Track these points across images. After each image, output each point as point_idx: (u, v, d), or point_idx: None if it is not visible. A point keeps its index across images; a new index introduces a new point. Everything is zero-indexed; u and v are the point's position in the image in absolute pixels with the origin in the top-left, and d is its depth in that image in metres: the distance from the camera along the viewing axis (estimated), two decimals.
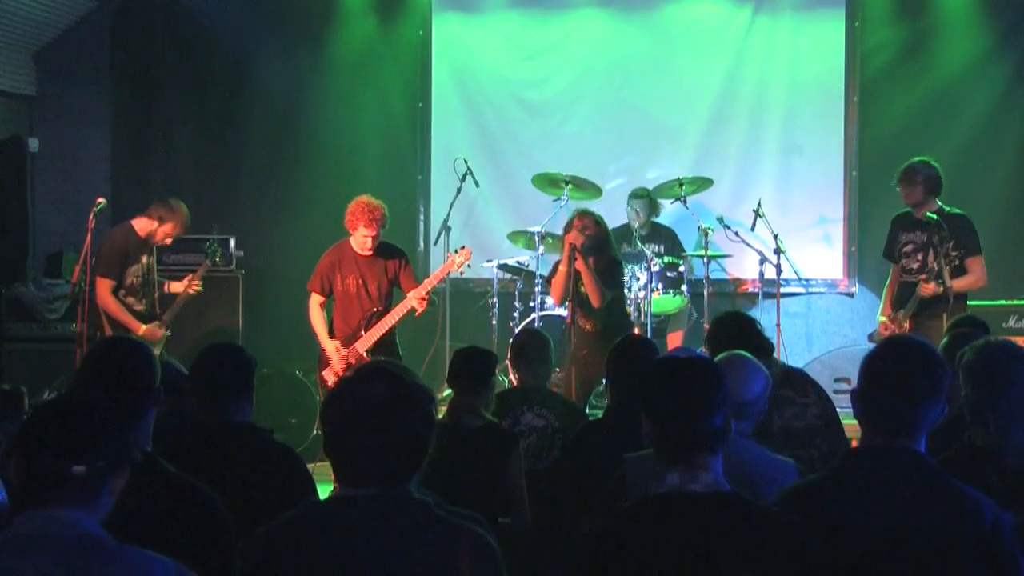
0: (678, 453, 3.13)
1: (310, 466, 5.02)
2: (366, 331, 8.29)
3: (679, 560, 3.02)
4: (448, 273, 8.51)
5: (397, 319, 8.31)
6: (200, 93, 11.56)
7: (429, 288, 8.30)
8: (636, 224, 10.32)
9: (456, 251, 8.55)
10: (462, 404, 5.55)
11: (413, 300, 8.23)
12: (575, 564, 3.12)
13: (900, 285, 8.51)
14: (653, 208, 10.49)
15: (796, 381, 5.51)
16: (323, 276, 8.44)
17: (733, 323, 5.54)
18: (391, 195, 10.88)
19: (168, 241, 8.84)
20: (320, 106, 11.47)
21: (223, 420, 4.48)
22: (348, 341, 8.33)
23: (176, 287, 8.90)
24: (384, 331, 8.29)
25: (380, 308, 8.34)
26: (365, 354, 8.23)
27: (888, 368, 3.35)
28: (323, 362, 8.47)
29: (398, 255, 8.49)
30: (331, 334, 8.41)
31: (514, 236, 10.35)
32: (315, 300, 8.47)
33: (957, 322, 6.13)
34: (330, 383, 8.36)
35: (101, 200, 8.85)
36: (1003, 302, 9.47)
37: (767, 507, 3.16)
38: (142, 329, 8.56)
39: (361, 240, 8.26)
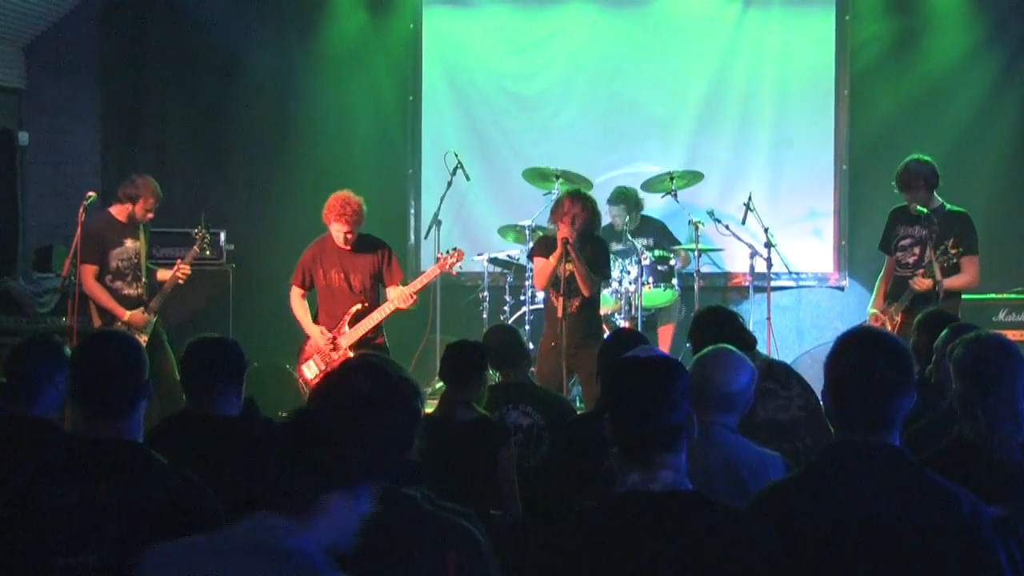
0: (636, 452, 3.14)
1: None
2: (350, 327, 8.28)
3: (636, 560, 3.02)
4: (438, 274, 8.51)
5: (382, 318, 8.30)
6: (190, 87, 11.52)
7: (417, 289, 8.30)
8: (622, 225, 10.30)
9: (448, 252, 8.54)
10: (454, 398, 5.56)
11: (397, 301, 8.23)
12: (539, 566, 3.14)
13: (894, 279, 8.51)
14: (635, 205, 10.47)
15: (779, 374, 5.53)
16: (305, 269, 8.44)
17: (715, 318, 5.56)
18: (382, 189, 10.94)
19: (150, 215, 8.78)
20: (311, 100, 11.45)
21: (211, 412, 4.49)
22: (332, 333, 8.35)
23: (164, 274, 8.86)
24: (368, 328, 8.27)
25: (365, 304, 8.32)
26: (348, 350, 8.21)
27: (854, 364, 3.33)
28: (303, 355, 8.47)
29: (381, 249, 8.43)
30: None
31: (504, 231, 10.35)
32: (295, 292, 8.49)
33: (928, 315, 6.15)
34: (308, 377, 8.39)
35: (91, 194, 8.81)
36: (993, 296, 9.49)
37: (728, 506, 3.15)
38: (126, 315, 8.52)
39: (336, 235, 8.25)
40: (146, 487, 3.41)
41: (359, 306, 8.28)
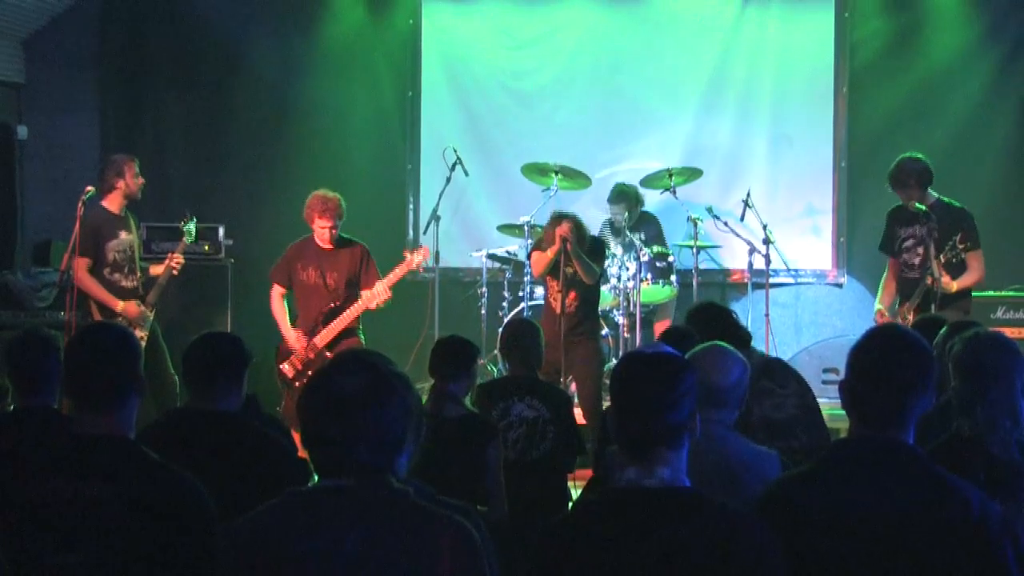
0: (637, 448, 3.14)
1: None
2: (324, 326, 8.33)
3: (628, 555, 3.02)
4: (406, 272, 8.53)
5: (354, 316, 8.41)
6: (189, 81, 11.51)
7: (388, 286, 8.38)
8: (623, 222, 10.27)
9: (411, 250, 8.69)
10: (443, 393, 5.57)
11: (367, 299, 8.35)
12: (534, 560, 3.15)
13: (902, 281, 8.51)
14: (636, 202, 10.45)
15: (776, 371, 5.51)
16: (285, 266, 8.56)
17: (708, 314, 5.56)
18: (380, 185, 10.96)
19: (141, 181, 8.71)
20: (310, 95, 11.44)
21: (208, 408, 4.48)
22: (308, 334, 8.43)
23: (157, 269, 8.86)
24: (342, 327, 8.37)
25: (337, 303, 8.42)
26: (325, 351, 8.28)
27: (875, 359, 3.31)
28: (282, 354, 8.53)
29: (358, 251, 8.56)
30: (293, 325, 8.54)
31: (504, 229, 10.36)
32: (276, 291, 8.62)
33: (923, 320, 6.16)
34: (289, 375, 8.43)
35: (90, 188, 8.79)
36: (992, 293, 9.49)
37: (723, 504, 3.14)
38: (120, 305, 8.51)
39: (320, 232, 8.36)
40: (136, 484, 3.37)
41: (332, 304, 8.37)
